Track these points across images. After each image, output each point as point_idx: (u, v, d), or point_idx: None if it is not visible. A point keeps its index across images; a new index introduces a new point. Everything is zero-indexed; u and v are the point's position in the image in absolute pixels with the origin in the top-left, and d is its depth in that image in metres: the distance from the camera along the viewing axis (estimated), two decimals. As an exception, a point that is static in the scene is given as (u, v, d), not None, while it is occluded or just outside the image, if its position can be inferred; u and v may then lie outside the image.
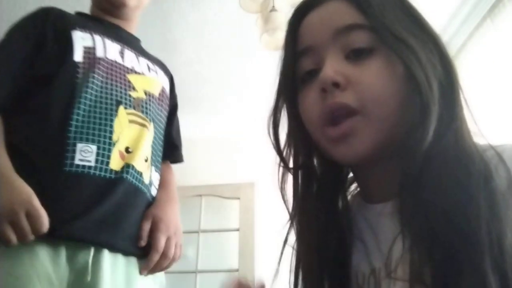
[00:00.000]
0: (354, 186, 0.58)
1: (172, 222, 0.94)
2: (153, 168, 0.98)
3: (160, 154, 1.03)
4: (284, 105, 0.55)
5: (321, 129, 0.48)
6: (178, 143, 1.18)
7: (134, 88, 0.97)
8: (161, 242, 0.90)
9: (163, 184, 1.03)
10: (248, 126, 3.30)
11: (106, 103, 0.90)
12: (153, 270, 0.91)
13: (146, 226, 0.89)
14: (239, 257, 2.93)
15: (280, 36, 1.88)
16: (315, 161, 0.55)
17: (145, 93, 0.99)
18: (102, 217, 0.82)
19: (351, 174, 0.57)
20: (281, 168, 0.55)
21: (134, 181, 0.89)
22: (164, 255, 0.90)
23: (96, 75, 0.92)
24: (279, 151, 0.55)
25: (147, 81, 1.03)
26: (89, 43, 0.96)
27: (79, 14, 1.10)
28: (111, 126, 0.88)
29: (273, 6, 1.84)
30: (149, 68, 1.06)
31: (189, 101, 3.11)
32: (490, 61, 2.07)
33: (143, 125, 0.95)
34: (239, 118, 3.26)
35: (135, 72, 1.00)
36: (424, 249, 0.39)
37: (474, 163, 0.40)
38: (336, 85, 0.45)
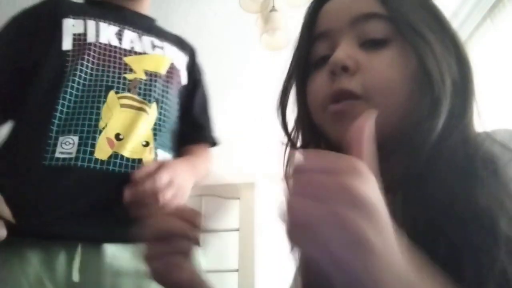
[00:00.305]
0: None
1: (182, 173, 0.84)
2: (159, 151, 0.89)
3: (170, 135, 0.94)
4: (294, 89, 0.55)
5: (324, 109, 0.47)
6: (203, 122, 1.06)
7: (131, 70, 0.90)
8: (162, 174, 0.78)
9: (186, 154, 0.97)
10: (248, 126, 3.30)
11: (95, 90, 0.85)
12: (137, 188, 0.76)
13: (152, 166, 0.79)
14: (239, 257, 2.93)
15: (280, 36, 1.88)
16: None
17: (146, 73, 0.91)
18: (87, 210, 0.76)
19: None
20: (287, 152, 0.55)
21: (126, 170, 0.80)
22: (154, 180, 0.76)
23: (85, 62, 0.86)
24: (287, 133, 0.55)
25: (149, 60, 0.95)
26: (80, 30, 0.90)
27: (84, 0, 1.04)
28: (98, 114, 0.82)
29: (273, 6, 1.84)
30: (153, 46, 0.98)
31: (189, 101, 3.11)
32: (490, 61, 2.07)
33: (139, 109, 0.87)
34: (239, 118, 3.26)
35: (135, 53, 0.94)
36: (426, 244, 0.38)
37: (479, 160, 0.40)
38: (345, 69, 0.45)
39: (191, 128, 1.02)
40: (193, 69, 1.09)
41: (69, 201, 0.76)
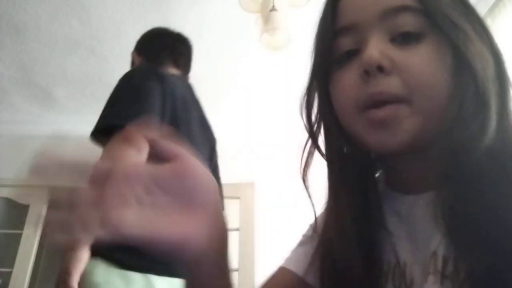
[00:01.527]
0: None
1: None
2: None
3: None
4: (317, 86, 0.51)
5: (359, 113, 0.44)
6: None
7: None
8: None
9: None
10: (248, 126, 3.30)
11: None
12: None
13: None
14: (239, 257, 2.93)
15: (280, 36, 1.88)
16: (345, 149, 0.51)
17: None
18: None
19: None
20: (305, 152, 0.52)
21: None
22: None
23: None
24: (311, 133, 0.52)
25: None
26: None
27: None
28: None
29: (273, 6, 1.84)
30: None
31: (189, 101, 3.11)
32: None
33: None
34: (239, 117, 3.26)
35: None
36: (465, 249, 0.37)
37: None
38: (380, 68, 0.41)
39: None
40: None
41: None
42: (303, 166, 0.52)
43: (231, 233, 3.01)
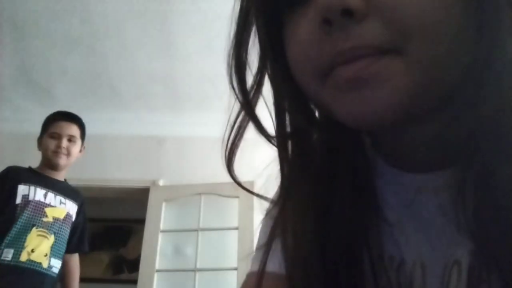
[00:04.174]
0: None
1: None
2: (52, 258, 1.78)
3: (60, 250, 1.84)
4: (258, 39, 0.38)
5: (323, 78, 0.30)
6: (79, 240, 2.02)
7: (46, 216, 1.81)
8: None
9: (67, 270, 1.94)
10: (248, 125, 3.29)
11: (26, 226, 1.73)
12: None
13: None
14: (238, 255, 2.93)
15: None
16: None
17: (53, 219, 1.84)
18: None
19: None
20: (234, 129, 0.40)
21: (34, 267, 1.69)
22: None
23: (25, 211, 1.75)
24: (247, 103, 0.39)
25: (57, 211, 1.87)
26: (25, 192, 1.80)
27: (29, 169, 1.92)
28: (25, 240, 1.71)
29: (274, 5, 1.84)
30: (60, 202, 1.90)
31: (190, 100, 3.11)
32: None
33: (45, 237, 1.77)
34: (239, 116, 3.26)
35: (50, 206, 1.84)
36: (504, 262, 0.26)
37: None
38: (347, 13, 0.27)
39: (75, 244, 1.99)
40: (80, 209, 2.01)
41: (7, 282, 1.69)
42: (229, 148, 0.40)
43: (231, 232, 3.02)
